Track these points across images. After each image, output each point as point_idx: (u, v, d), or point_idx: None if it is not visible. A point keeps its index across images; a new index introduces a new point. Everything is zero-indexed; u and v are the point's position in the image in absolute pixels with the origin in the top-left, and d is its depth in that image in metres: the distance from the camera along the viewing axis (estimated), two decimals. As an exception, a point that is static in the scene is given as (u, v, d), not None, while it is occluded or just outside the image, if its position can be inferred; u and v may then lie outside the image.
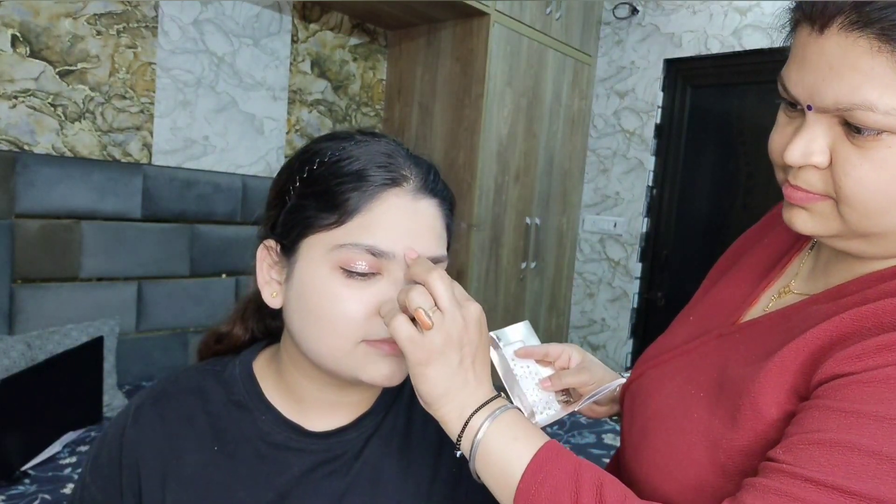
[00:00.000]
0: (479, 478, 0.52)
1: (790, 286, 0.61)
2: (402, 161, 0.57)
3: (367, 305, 0.53)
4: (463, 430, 0.51)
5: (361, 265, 0.53)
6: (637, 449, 0.60)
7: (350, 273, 0.53)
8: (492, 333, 0.67)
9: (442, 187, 0.60)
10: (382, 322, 0.53)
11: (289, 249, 0.57)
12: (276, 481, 0.58)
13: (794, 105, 0.50)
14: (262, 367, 0.64)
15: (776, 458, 0.45)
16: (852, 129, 0.45)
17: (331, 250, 0.54)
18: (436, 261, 0.56)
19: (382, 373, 0.55)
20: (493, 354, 0.71)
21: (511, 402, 0.56)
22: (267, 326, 0.69)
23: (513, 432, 0.51)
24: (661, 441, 0.57)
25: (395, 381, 0.56)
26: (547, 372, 0.77)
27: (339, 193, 0.54)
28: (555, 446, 0.51)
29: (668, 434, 0.57)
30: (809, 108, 0.48)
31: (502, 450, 0.50)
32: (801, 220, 0.53)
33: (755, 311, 0.62)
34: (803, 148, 0.48)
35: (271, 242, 0.59)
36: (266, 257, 0.59)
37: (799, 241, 0.64)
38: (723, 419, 0.52)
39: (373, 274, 0.54)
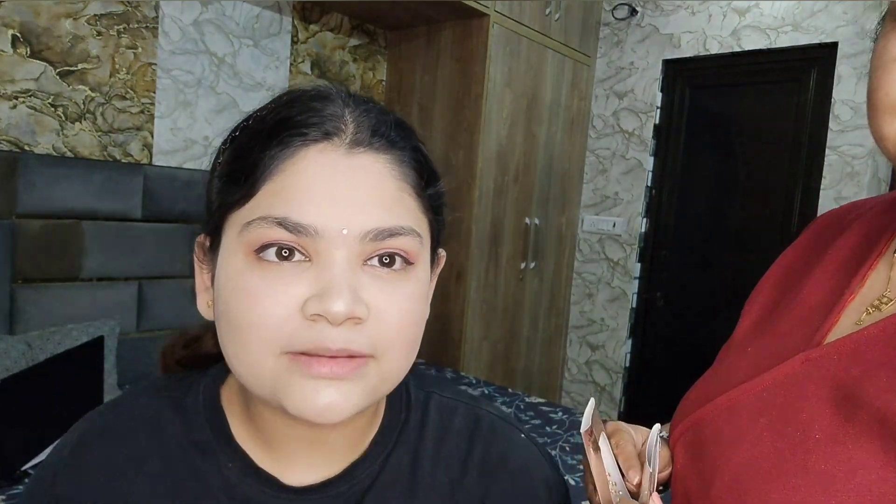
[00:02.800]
0: None
1: (886, 295, 0.50)
2: (337, 107, 0.44)
3: (287, 301, 0.39)
4: None
5: (279, 244, 0.40)
6: None
7: (266, 262, 0.40)
8: (589, 428, 0.53)
9: (400, 137, 0.45)
10: (305, 327, 0.39)
11: (214, 243, 0.45)
12: None
13: None
14: (231, 397, 0.50)
15: None
16: None
17: (241, 232, 0.41)
18: (389, 233, 0.41)
19: (314, 404, 0.39)
20: (596, 450, 0.53)
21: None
22: None
23: None
24: (781, 497, 0.44)
25: (337, 415, 0.40)
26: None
27: (248, 157, 0.42)
28: None
29: (788, 489, 0.44)
30: None
31: None
32: None
33: (842, 328, 0.50)
34: None
35: (201, 237, 0.48)
36: (200, 257, 0.48)
37: (877, 248, 0.54)
38: None
39: (302, 259, 0.40)
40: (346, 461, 0.49)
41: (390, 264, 0.42)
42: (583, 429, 0.54)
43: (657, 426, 0.54)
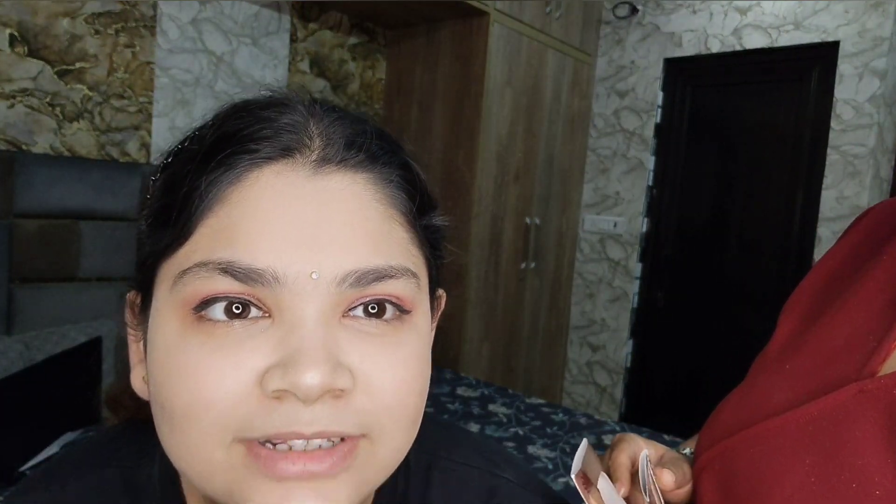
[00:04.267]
0: None
1: None
2: (299, 115, 0.34)
3: (239, 375, 0.30)
4: None
5: (226, 302, 0.30)
6: None
7: (209, 323, 0.30)
8: (580, 470, 0.48)
9: (381, 151, 0.35)
10: (264, 408, 0.30)
11: (145, 301, 0.35)
12: None
13: None
14: None
15: None
16: None
17: (173, 285, 0.32)
18: (377, 276, 0.32)
19: None
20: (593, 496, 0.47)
21: None
22: None
23: None
24: None
25: None
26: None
27: (181, 188, 0.33)
28: None
29: None
30: None
31: None
32: None
33: None
34: None
35: (132, 295, 0.38)
36: (132, 320, 0.38)
37: None
38: None
39: (259, 315, 0.31)
40: None
41: (379, 314, 0.33)
42: (573, 472, 0.47)
43: (644, 455, 0.48)
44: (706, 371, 2.86)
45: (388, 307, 0.33)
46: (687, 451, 0.55)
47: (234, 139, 0.32)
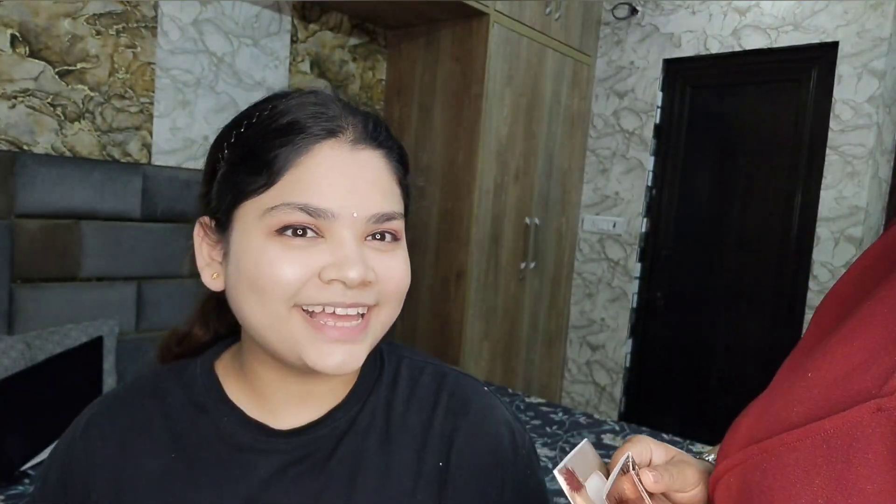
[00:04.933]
0: None
1: None
2: (336, 110, 0.52)
3: (302, 269, 0.48)
4: None
5: (297, 227, 0.48)
6: None
7: (286, 237, 0.48)
8: (565, 467, 0.48)
9: (385, 137, 0.54)
10: (320, 288, 0.48)
11: (223, 224, 0.52)
12: (241, 486, 0.53)
13: None
14: (225, 365, 0.59)
15: None
16: None
17: (262, 215, 0.49)
18: (387, 217, 0.51)
19: (330, 363, 0.49)
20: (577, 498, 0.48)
21: None
22: (230, 323, 0.62)
23: None
24: None
25: (348, 368, 0.50)
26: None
27: (267, 151, 0.49)
28: None
29: None
30: None
31: None
32: None
33: None
34: None
35: (206, 219, 0.54)
36: (203, 237, 0.55)
37: None
38: None
39: (314, 237, 0.49)
40: (327, 407, 0.57)
41: (382, 239, 0.52)
42: (558, 468, 0.48)
43: (629, 455, 0.49)
44: (705, 371, 2.86)
45: (388, 235, 0.52)
46: (711, 457, 0.54)
47: (299, 124, 0.50)
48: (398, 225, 0.52)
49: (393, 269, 0.52)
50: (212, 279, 0.54)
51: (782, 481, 0.41)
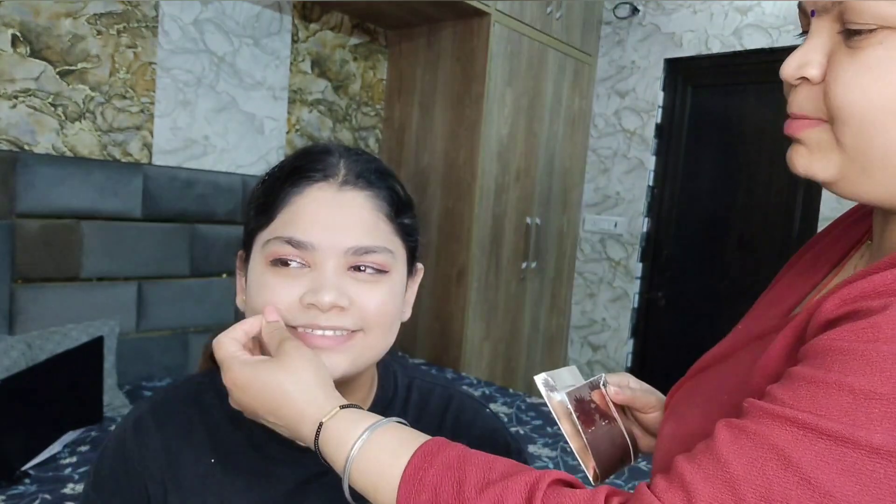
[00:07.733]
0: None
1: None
2: (334, 158, 0.59)
3: (286, 295, 0.55)
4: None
5: (286, 257, 0.55)
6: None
7: (278, 266, 0.56)
8: (545, 375, 0.61)
9: (376, 179, 0.60)
10: (300, 311, 0.55)
11: (246, 256, 0.62)
12: (271, 495, 0.59)
13: (807, 20, 0.47)
14: None
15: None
16: (850, 33, 0.43)
17: (262, 248, 0.57)
18: (366, 250, 0.56)
19: None
20: (551, 397, 0.60)
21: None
22: None
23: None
24: (678, 445, 0.49)
25: (336, 372, 0.56)
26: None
27: (273, 194, 0.58)
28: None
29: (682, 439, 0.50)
30: (813, 13, 0.45)
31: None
32: (800, 158, 0.50)
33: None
34: (800, 58, 0.45)
35: (241, 252, 0.64)
36: (239, 267, 0.64)
37: (864, 237, 0.56)
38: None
39: (300, 266, 0.56)
40: None
41: (363, 271, 0.57)
42: (538, 375, 0.61)
43: (603, 374, 0.64)
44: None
45: (370, 268, 0.57)
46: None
47: (300, 170, 0.58)
48: (381, 258, 0.57)
49: (370, 298, 0.57)
50: (241, 303, 0.63)
51: (686, 397, 0.56)
